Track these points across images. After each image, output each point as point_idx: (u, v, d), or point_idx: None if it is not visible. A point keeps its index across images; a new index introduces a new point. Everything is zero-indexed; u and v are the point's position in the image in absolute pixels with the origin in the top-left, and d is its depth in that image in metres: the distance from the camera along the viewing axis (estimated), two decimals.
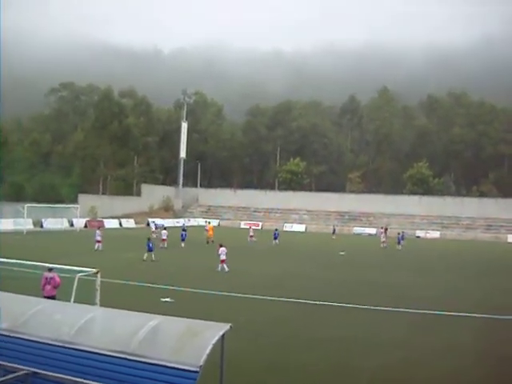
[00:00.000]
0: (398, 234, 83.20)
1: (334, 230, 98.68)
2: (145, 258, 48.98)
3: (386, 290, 37.33)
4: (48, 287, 23.08)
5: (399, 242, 76.97)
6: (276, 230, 79.87)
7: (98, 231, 57.75)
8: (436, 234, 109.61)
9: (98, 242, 56.28)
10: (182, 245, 63.73)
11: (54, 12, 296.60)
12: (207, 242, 66.88)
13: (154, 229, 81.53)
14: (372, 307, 30.44)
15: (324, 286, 38.56)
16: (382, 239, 78.65)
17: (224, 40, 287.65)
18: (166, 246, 61.97)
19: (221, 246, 45.14)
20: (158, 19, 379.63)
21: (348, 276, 44.41)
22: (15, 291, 18.06)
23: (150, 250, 49.55)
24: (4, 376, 12.09)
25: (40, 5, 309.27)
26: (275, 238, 74.58)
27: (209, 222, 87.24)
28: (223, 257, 43.59)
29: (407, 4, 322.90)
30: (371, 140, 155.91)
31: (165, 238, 63.05)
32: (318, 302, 31.45)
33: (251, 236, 77.76)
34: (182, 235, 65.81)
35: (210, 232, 70.92)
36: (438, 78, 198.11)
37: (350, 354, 21.04)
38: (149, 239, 51.14)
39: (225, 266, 43.29)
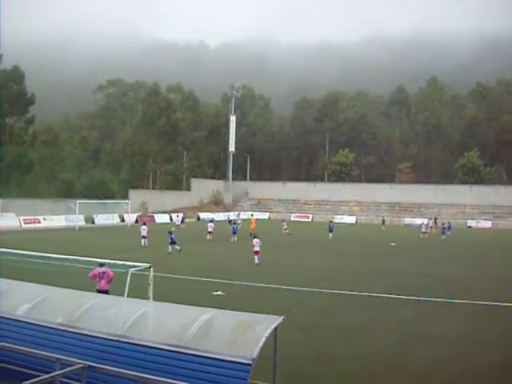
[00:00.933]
0: (443, 224, 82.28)
1: (384, 221, 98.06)
2: (170, 250, 49.36)
3: (441, 282, 37.10)
4: (102, 282, 23.34)
5: (443, 233, 75.56)
6: (330, 221, 78.62)
7: (143, 227, 57.71)
8: (488, 224, 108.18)
9: (144, 237, 56.12)
10: (235, 238, 63.21)
11: (100, 10, 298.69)
12: (250, 235, 66.56)
13: (178, 222, 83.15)
14: (424, 298, 30.29)
15: (374, 278, 38.37)
16: (423, 229, 77.70)
17: (270, 33, 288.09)
18: (210, 238, 62.61)
19: (255, 237, 45.52)
20: (203, 14, 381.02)
21: (399, 268, 44.10)
22: (69, 286, 18.30)
23: (172, 242, 49.94)
24: (61, 369, 12.26)
25: (87, 3, 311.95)
26: (330, 231, 72.21)
27: (252, 215, 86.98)
28: (257, 248, 43.54)
29: None
30: (420, 130, 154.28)
31: (210, 230, 63.67)
32: (369, 294, 31.33)
33: (285, 229, 76.71)
34: (233, 228, 65.37)
35: (253, 225, 70.07)
36: (486, 65, 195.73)
37: (401, 348, 20.93)
38: (170, 233, 51.37)
39: (256, 258, 43.27)
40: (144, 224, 60.55)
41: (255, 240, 44.32)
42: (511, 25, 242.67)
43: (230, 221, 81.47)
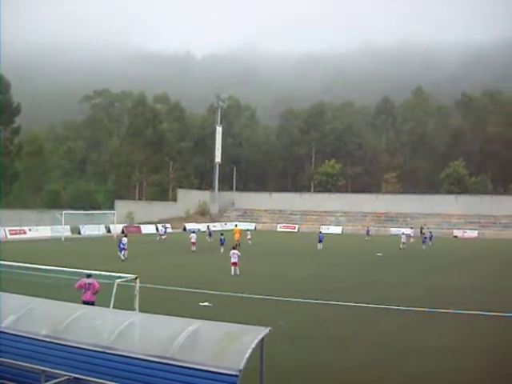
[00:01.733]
0: (423, 234, 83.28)
1: (368, 232, 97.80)
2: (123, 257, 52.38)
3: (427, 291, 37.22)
4: (88, 293, 23.28)
5: (424, 242, 76.41)
6: (320, 232, 78.25)
7: (124, 239, 56.80)
8: (474, 234, 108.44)
9: (124, 249, 54.99)
10: (222, 250, 62.19)
11: (86, 19, 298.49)
12: (235, 246, 66.04)
13: (161, 233, 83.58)
14: (412, 308, 30.37)
15: (361, 287, 38.46)
16: (403, 240, 76.83)
17: (256, 44, 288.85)
18: (194, 249, 62.49)
19: (233, 248, 45.28)
20: (190, 24, 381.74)
21: (386, 278, 44.20)
22: (55, 298, 18.23)
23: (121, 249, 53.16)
24: (46, 382, 12.19)
25: (72, 12, 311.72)
26: (320, 241, 71.73)
27: (235, 225, 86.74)
28: (233, 259, 43.28)
29: (440, 4, 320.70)
30: (406, 140, 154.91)
31: (194, 241, 63.69)
32: (355, 304, 31.39)
33: (249, 239, 76.20)
34: (220, 240, 64.75)
35: (237, 235, 69.09)
36: (472, 76, 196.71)
37: (388, 359, 20.94)
38: (121, 238, 54.95)
39: (237, 268, 43.07)
40: (125, 236, 60.00)
41: (232, 251, 44.07)
42: (496, 37, 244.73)
43: (209, 233, 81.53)
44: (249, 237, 77.00)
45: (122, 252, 53.31)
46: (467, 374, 18.83)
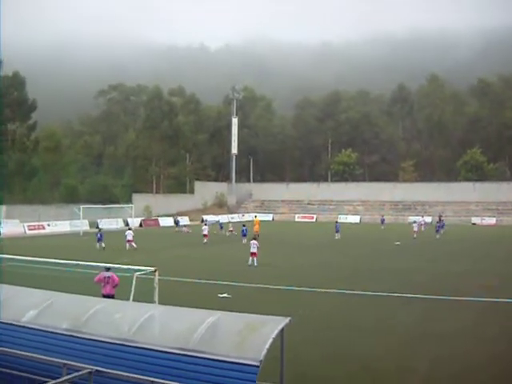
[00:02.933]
0: (439, 221, 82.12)
1: (383, 221, 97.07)
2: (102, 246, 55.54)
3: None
4: (107, 286, 23.34)
5: (437, 231, 74.60)
6: (336, 222, 77.88)
7: (129, 231, 57.94)
8: (492, 221, 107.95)
9: (130, 241, 56.27)
10: (244, 241, 61.97)
11: (99, 15, 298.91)
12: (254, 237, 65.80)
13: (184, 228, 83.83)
14: (428, 296, 30.31)
15: (378, 276, 38.37)
16: (415, 229, 74.68)
17: (270, 34, 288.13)
18: (206, 241, 62.33)
19: (254, 238, 45.57)
20: (203, 16, 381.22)
21: (405, 265, 44.11)
22: (75, 291, 18.30)
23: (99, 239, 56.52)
24: (68, 375, 12.24)
25: (87, 8, 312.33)
26: (337, 231, 71.52)
27: (255, 216, 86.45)
28: (253, 250, 43.45)
29: None
30: (423, 128, 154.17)
31: (206, 233, 63.43)
32: (374, 293, 31.34)
33: (230, 230, 76.00)
34: (242, 231, 64.95)
35: (257, 226, 69.46)
36: (487, 61, 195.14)
37: (407, 350, 20.89)
38: (99, 230, 59.68)
39: (255, 259, 43.25)
40: (129, 229, 60.74)
41: (252, 242, 44.38)
42: (510, 20, 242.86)
43: (220, 225, 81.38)
44: (231, 228, 76.95)
45: (99, 243, 56.60)
46: (496, 361, 18.80)
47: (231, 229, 76.36)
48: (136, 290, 21.52)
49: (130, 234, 56.86)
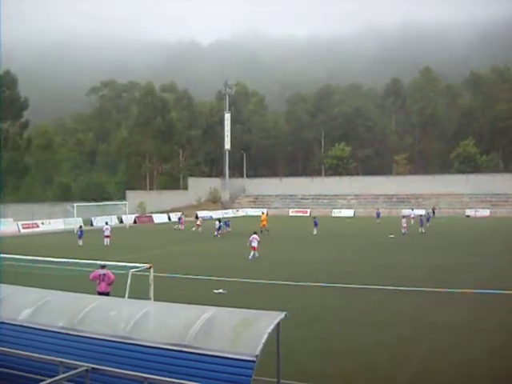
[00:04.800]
0: (421, 216, 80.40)
1: (379, 214, 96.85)
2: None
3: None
4: (102, 284, 23.35)
5: (422, 225, 72.72)
6: (314, 217, 77.65)
7: (106, 226, 58.81)
8: (486, 213, 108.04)
9: (107, 236, 56.93)
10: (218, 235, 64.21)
11: (91, 12, 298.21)
12: (261, 232, 65.93)
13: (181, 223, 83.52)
14: (424, 289, 30.42)
15: (372, 270, 38.49)
16: (403, 224, 70.96)
17: (261, 29, 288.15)
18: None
19: (254, 233, 45.51)
20: (194, 12, 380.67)
21: (399, 259, 44.27)
22: (70, 289, 18.33)
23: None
24: (64, 373, 12.26)
25: (76, 6, 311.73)
26: (315, 226, 70.58)
27: (263, 212, 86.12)
28: (254, 244, 43.85)
29: None
30: (416, 121, 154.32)
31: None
32: (366, 286, 31.45)
33: (198, 225, 76.70)
34: (218, 226, 66.26)
35: (264, 222, 69.35)
36: (480, 54, 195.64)
37: (402, 341, 20.96)
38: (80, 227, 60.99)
39: (256, 253, 43.66)
40: (106, 224, 61.41)
41: (253, 236, 44.52)
42: (503, 13, 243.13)
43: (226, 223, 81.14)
44: (198, 223, 77.94)
45: (105, 240, 56.97)
46: (479, 353, 18.89)
47: (199, 223, 77.61)
48: (131, 287, 21.53)
49: (107, 230, 57.49)
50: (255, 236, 44.48)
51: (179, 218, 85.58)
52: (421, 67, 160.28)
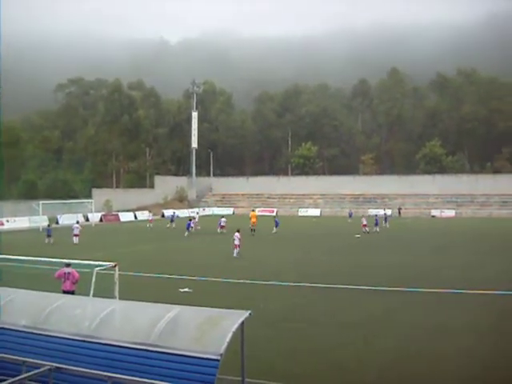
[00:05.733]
0: (376, 215, 79.03)
1: (351, 214, 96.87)
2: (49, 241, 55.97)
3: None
4: (67, 282, 23.22)
5: (377, 224, 72.36)
6: (275, 216, 77.58)
7: (76, 225, 58.03)
8: (451, 213, 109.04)
9: (76, 235, 56.21)
10: (186, 233, 63.82)
11: (59, 8, 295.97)
12: (251, 230, 65.02)
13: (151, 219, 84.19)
14: (391, 288, 30.61)
15: (339, 270, 38.67)
16: (364, 222, 71.07)
17: (230, 28, 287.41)
18: (77, 242, 56.07)
19: (238, 231, 45.98)
20: (163, 9, 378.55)
21: (365, 259, 44.51)
22: (34, 288, 18.18)
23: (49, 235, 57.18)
24: (27, 372, 12.17)
25: (45, 1, 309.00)
26: (276, 226, 70.22)
27: (253, 210, 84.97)
28: (237, 242, 44.62)
29: None
30: (383, 121, 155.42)
31: (77, 232, 56.69)
32: (335, 286, 31.58)
33: (150, 221, 79.47)
34: (188, 224, 65.90)
35: (253, 219, 68.37)
36: (447, 57, 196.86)
37: (368, 340, 21.08)
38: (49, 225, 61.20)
39: (235, 251, 44.42)
40: (77, 222, 60.90)
41: (236, 234, 45.36)
42: (470, 16, 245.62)
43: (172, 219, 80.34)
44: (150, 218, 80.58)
45: (74, 239, 56.13)
46: (447, 352, 19.08)
47: (151, 218, 79.26)
48: (97, 285, 21.43)
49: (76, 228, 56.82)
50: (237, 234, 45.21)
51: (172, 217, 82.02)
52: (388, 69, 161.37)
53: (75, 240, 56.06)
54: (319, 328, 22.47)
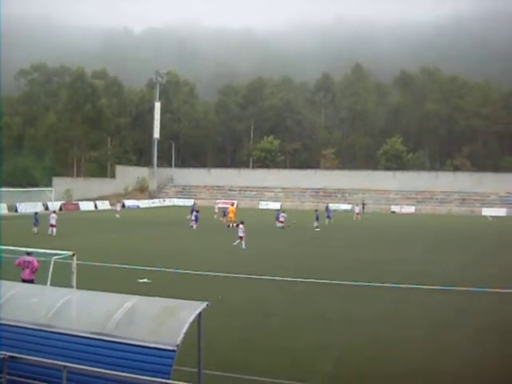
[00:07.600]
0: (316, 210, 75.33)
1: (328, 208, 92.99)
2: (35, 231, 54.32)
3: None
4: (26, 271, 23.07)
5: (317, 219, 69.32)
6: (223, 209, 77.41)
7: (52, 215, 56.09)
8: (411, 209, 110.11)
9: (53, 226, 54.24)
10: (194, 227, 62.44)
11: None
12: (228, 226, 63.68)
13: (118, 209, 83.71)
14: (347, 283, 30.85)
15: (297, 262, 38.84)
16: (281, 218, 68.85)
17: (195, 19, 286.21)
18: (54, 233, 53.98)
19: (242, 223, 47.32)
20: None
21: (321, 252, 44.78)
22: None
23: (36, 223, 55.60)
24: None
25: None
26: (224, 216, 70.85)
27: (232, 205, 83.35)
28: (240, 234, 46.19)
29: None
30: (345, 116, 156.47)
31: (53, 223, 54.97)
32: (293, 279, 31.74)
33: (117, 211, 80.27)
34: (195, 217, 64.17)
35: (231, 214, 67.66)
36: (410, 54, 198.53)
37: (322, 332, 21.26)
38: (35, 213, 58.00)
39: (242, 242, 45.71)
40: (54, 212, 59.57)
41: (240, 226, 46.93)
42: (434, 15, 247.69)
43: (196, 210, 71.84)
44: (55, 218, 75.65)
45: (50, 229, 54.09)
46: (397, 345, 19.33)
47: (119, 208, 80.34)
48: (54, 274, 21.33)
49: (53, 218, 54.95)
50: (241, 226, 46.79)
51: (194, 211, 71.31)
52: (352, 64, 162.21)
53: (51, 231, 53.66)
54: (275, 319, 22.69)
